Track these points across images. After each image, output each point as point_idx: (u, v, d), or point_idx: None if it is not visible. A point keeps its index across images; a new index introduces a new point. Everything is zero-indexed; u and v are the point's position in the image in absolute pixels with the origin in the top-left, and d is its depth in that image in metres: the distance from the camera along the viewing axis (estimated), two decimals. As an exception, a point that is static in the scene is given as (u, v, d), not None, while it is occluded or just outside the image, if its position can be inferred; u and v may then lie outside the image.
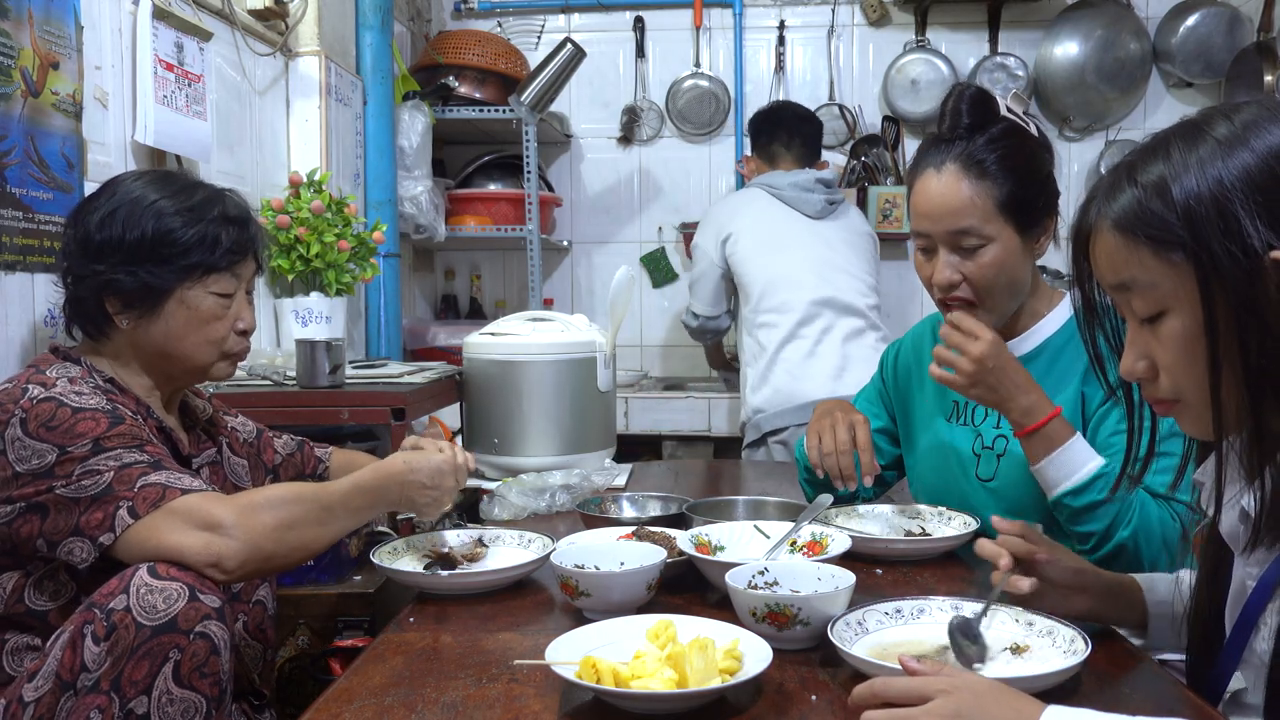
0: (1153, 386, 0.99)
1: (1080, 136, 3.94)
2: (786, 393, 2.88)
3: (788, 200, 3.02)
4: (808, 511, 1.55)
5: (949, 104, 1.60)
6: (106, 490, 1.22)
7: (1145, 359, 0.98)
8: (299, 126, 2.72)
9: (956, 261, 1.55)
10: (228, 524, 1.22)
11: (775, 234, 2.98)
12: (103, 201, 1.41)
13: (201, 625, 1.15)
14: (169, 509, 1.21)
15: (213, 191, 1.47)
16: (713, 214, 3.16)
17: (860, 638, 1.15)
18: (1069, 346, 1.59)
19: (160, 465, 1.27)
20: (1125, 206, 0.95)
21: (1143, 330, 0.97)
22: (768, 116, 3.27)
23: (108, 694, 1.11)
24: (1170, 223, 0.91)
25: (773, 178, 3.08)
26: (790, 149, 3.17)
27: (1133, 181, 0.95)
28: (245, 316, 1.49)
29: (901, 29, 3.97)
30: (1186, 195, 0.90)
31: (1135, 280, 0.95)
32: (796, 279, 2.93)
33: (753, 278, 2.97)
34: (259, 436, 1.69)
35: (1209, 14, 3.76)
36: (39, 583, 1.28)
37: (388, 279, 3.00)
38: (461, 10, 4.06)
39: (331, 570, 1.79)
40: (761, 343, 2.95)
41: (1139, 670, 1.13)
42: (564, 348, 2.24)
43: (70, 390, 1.29)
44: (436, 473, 1.41)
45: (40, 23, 1.70)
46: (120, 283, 1.38)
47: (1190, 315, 0.92)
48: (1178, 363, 0.94)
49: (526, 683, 1.08)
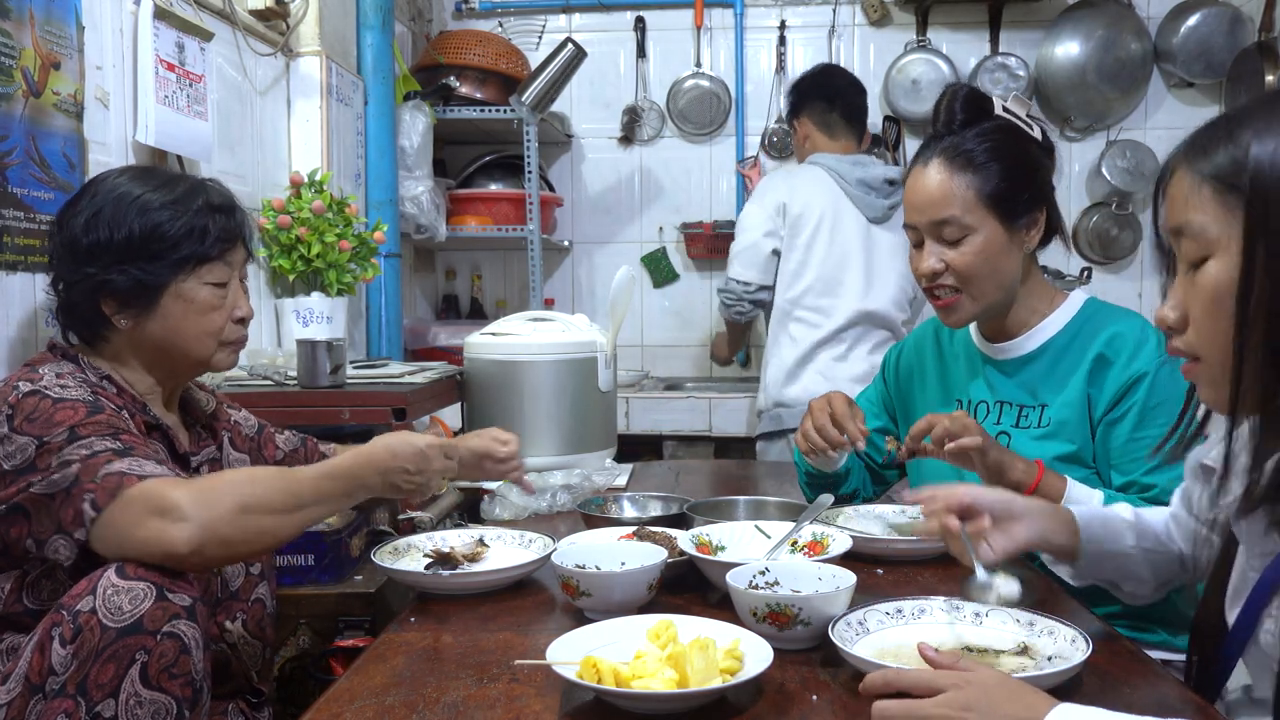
0: (1179, 339, 0.99)
1: (1081, 136, 3.94)
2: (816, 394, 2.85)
3: (852, 197, 2.89)
4: (808, 511, 1.55)
5: (943, 102, 1.64)
6: (74, 483, 1.18)
7: (1179, 309, 0.98)
8: (300, 126, 2.72)
9: (940, 251, 1.58)
10: (183, 507, 1.16)
11: (833, 230, 2.87)
12: (85, 203, 1.39)
13: (170, 625, 1.12)
14: (126, 498, 1.17)
15: (194, 182, 1.46)
16: (770, 182, 3.00)
17: (861, 638, 1.15)
18: (1073, 346, 1.60)
19: (128, 452, 1.23)
20: (1204, 147, 0.95)
21: (1186, 278, 0.97)
22: (823, 80, 3.07)
23: (74, 698, 1.09)
24: (1239, 165, 0.91)
25: (838, 164, 2.91)
26: (851, 122, 3.00)
27: (1226, 130, 0.95)
28: (242, 304, 1.48)
29: (902, 29, 3.97)
30: (1262, 145, 0.90)
31: (1189, 223, 0.95)
32: (847, 286, 2.86)
33: (802, 268, 2.87)
34: (260, 432, 1.68)
35: (1210, 14, 3.75)
36: (35, 583, 1.28)
37: (388, 279, 3.00)
38: (462, 10, 4.07)
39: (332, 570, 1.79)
40: (796, 337, 2.89)
41: (1140, 670, 1.12)
42: (565, 348, 2.24)
43: (55, 384, 1.28)
44: (420, 456, 1.37)
45: (41, 23, 1.70)
46: (114, 283, 1.37)
47: (1229, 264, 0.92)
48: (1206, 314, 0.95)
49: (527, 683, 1.08)
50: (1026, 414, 1.61)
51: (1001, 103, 1.62)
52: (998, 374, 1.67)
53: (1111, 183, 3.83)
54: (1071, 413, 1.56)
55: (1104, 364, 1.56)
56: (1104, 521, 1.27)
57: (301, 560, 1.77)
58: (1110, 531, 1.26)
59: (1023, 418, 1.62)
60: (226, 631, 1.42)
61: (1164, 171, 1.01)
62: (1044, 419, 1.59)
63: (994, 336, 1.68)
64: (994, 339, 1.67)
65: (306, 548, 1.77)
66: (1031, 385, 1.62)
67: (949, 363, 1.77)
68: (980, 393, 1.69)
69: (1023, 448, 1.59)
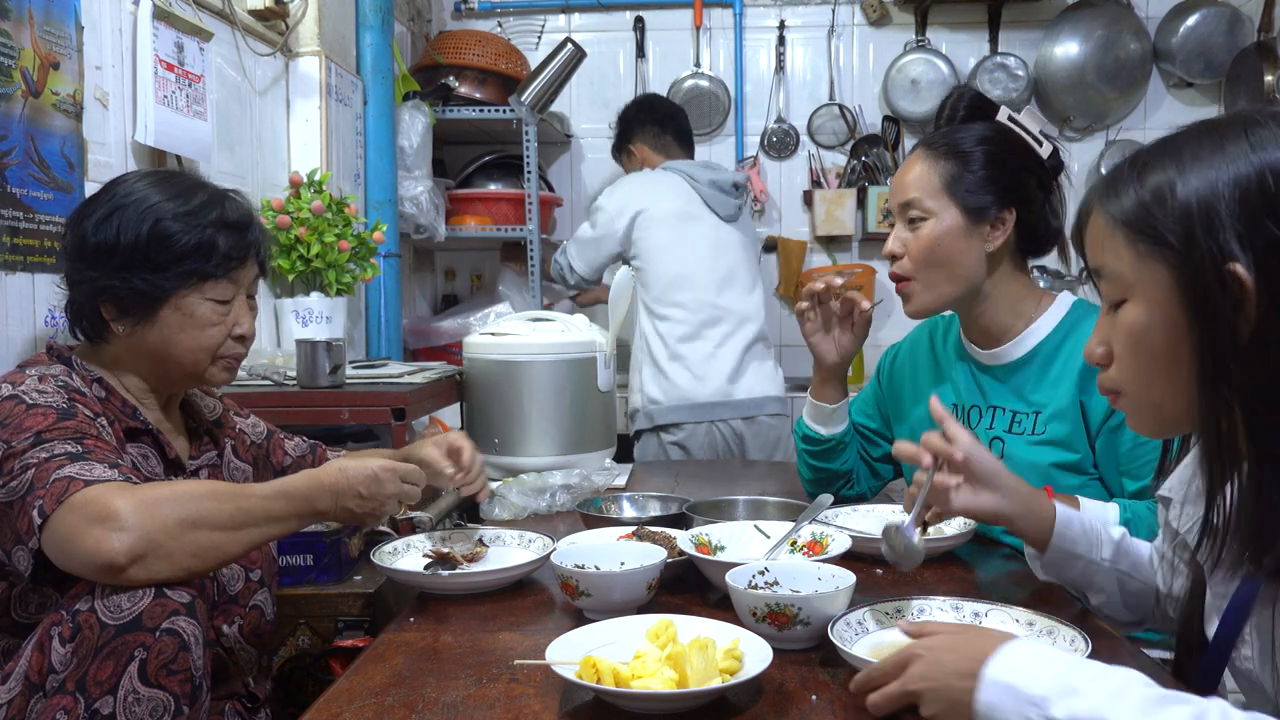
0: (1104, 373, 1.02)
1: (1080, 136, 3.94)
2: (685, 390, 2.91)
3: (704, 196, 3.01)
4: (808, 511, 1.55)
5: (948, 103, 1.67)
6: (29, 489, 1.16)
7: (1105, 345, 1.01)
8: (299, 126, 2.72)
9: (903, 235, 1.63)
10: (123, 515, 1.12)
11: (688, 228, 2.97)
12: (101, 204, 1.38)
13: (168, 622, 1.11)
14: (69, 504, 1.13)
15: (214, 194, 1.43)
16: (627, 186, 3.07)
17: (860, 637, 1.15)
18: (1063, 349, 1.59)
19: (83, 456, 1.19)
20: (1118, 194, 0.96)
21: (1109, 316, 1.00)
22: (649, 107, 3.26)
23: (73, 695, 1.08)
24: (1157, 218, 0.92)
25: (689, 167, 3.05)
26: (682, 142, 3.20)
27: (1134, 173, 0.96)
28: (244, 323, 1.45)
29: (901, 29, 3.97)
30: (1189, 196, 0.90)
31: (1106, 266, 0.98)
32: (703, 280, 2.95)
33: (660, 267, 2.95)
34: (269, 438, 1.67)
35: (1209, 14, 3.76)
36: (23, 596, 1.26)
37: (388, 279, 3.00)
38: (461, 10, 4.07)
39: (331, 570, 1.79)
40: (662, 334, 2.95)
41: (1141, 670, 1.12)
42: (564, 348, 2.24)
43: (35, 388, 1.27)
44: (372, 480, 1.32)
45: (40, 23, 1.70)
46: (114, 289, 1.35)
47: (1148, 309, 0.94)
48: (1126, 353, 0.98)
49: (527, 683, 1.08)
50: (1020, 419, 1.61)
51: (1009, 112, 1.62)
52: (989, 379, 1.67)
53: (1111, 183, 3.83)
54: (1066, 420, 1.55)
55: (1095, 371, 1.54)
56: (1085, 529, 1.28)
57: (301, 560, 1.78)
58: (1088, 540, 1.27)
59: (1016, 423, 1.61)
60: (223, 635, 1.42)
61: (1080, 213, 1.03)
62: (1038, 425, 1.59)
63: (983, 341, 1.67)
64: (983, 344, 1.67)
65: (305, 548, 1.77)
66: (1023, 390, 1.62)
67: (942, 366, 1.77)
68: (973, 397, 1.68)
69: (1018, 453, 1.59)
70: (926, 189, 1.60)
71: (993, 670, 0.89)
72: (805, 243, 4.03)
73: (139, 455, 1.37)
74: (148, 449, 1.39)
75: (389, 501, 1.35)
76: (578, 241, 3.08)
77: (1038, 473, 1.56)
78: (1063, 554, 1.27)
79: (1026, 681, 0.86)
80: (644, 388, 2.98)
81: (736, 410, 2.92)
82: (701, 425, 2.91)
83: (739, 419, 2.93)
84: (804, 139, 4.03)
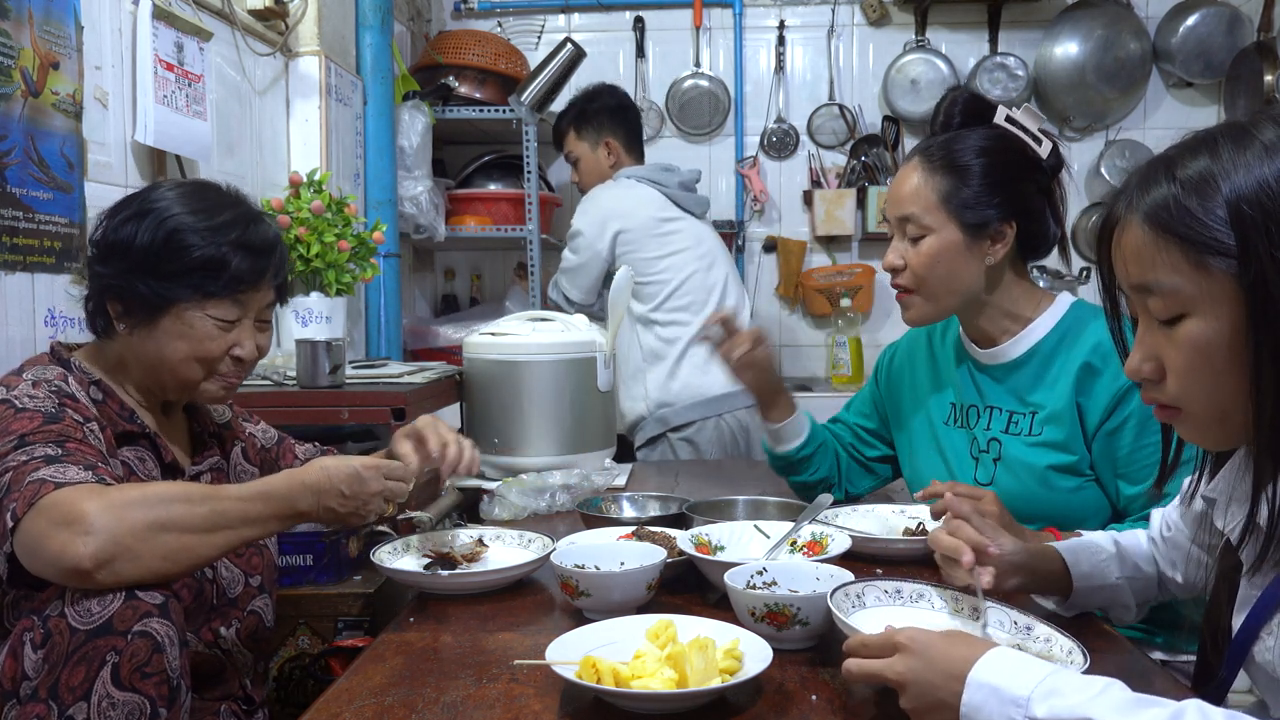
0: (1156, 389, 0.96)
1: (1080, 136, 3.94)
2: (696, 387, 2.93)
3: (677, 199, 3.02)
4: (808, 511, 1.55)
5: (943, 105, 1.65)
6: (6, 492, 1.14)
7: (1153, 360, 0.95)
8: (299, 126, 2.72)
9: (903, 248, 1.62)
10: (90, 518, 1.09)
11: (671, 236, 2.97)
12: (132, 204, 1.38)
13: (140, 624, 1.10)
14: (38, 507, 1.11)
15: (242, 214, 1.40)
16: (597, 205, 3.04)
17: (857, 610, 1.17)
18: (1060, 350, 1.59)
19: (59, 459, 1.17)
20: (1160, 202, 0.90)
21: (1156, 331, 0.94)
22: (627, 108, 3.22)
23: (46, 702, 1.07)
24: (1210, 224, 0.88)
25: (651, 173, 3.05)
26: (639, 147, 3.21)
27: (1171, 177, 0.91)
28: (245, 345, 1.41)
29: (901, 29, 3.97)
30: (1237, 197, 0.87)
31: (1159, 282, 0.91)
32: (698, 281, 2.97)
33: (657, 277, 2.95)
34: (280, 444, 1.67)
35: (1209, 14, 3.76)
36: (15, 603, 1.23)
37: (388, 279, 3.00)
38: (461, 10, 4.06)
39: (331, 570, 1.79)
40: (667, 339, 2.96)
41: (1143, 671, 1.13)
42: (564, 348, 2.24)
43: (27, 392, 1.26)
44: (354, 478, 1.30)
45: (40, 23, 1.70)
46: (119, 288, 1.36)
47: (1214, 321, 0.89)
48: (1190, 369, 0.92)
49: (526, 683, 1.08)
50: (1017, 420, 1.61)
51: (1007, 112, 1.60)
52: (987, 379, 1.66)
53: (1110, 182, 3.83)
54: (1063, 422, 1.55)
55: (1092, 374, 1.54)
56: (1091, 557, 1.28)
57: (300, 561, 1.77)
58: (1098, 569, 1.28)
59: (1013, 424, 1.61)
60: (221, 638, 1.42)
61: (1109, 221, 0.97)
62: (1034, 426, 1.58)
63: (981, 341, 1.67)
64: (981, 343, 1.67)
65: (305, 548, 1.77)
66: (1020, 391, 1.62)
67: (940, 366, 1.77)
68: (970, 397, 1.68)
69: (1015, 454, 1.59)
70: (924, 204, 1.58)
71: (978, 673, 0.90)
72: (805, 243, 4.02)
73: (135, 459, 1.37)
74: (144, 452, 1.39)
75: (374, 500, 1.33)
76: (566, 271, 3.08)
77: (1034, 475, 1.56)
78: (1084, 592, 1.27)
79: (1010, 682, 0.88)
80: (650, 395, 2.98)
81: (744, 399, 2.92)
82: (710, 420, 2.93)
83: (744, 409, 2.94)
84: (804, 139, 4.03)
